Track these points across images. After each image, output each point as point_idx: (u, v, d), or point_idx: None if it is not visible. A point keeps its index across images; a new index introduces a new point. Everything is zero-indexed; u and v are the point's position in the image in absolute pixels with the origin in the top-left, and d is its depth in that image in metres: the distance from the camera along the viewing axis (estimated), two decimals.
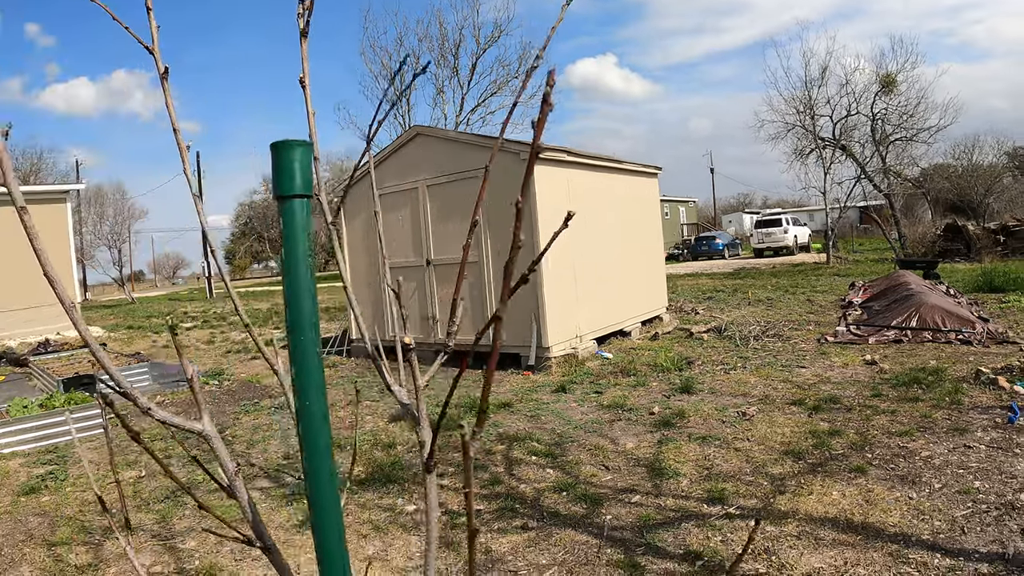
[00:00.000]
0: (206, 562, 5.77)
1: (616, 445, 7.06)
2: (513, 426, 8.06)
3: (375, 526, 6.00)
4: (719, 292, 19.42)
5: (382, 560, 5.39)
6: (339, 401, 10.43)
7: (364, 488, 6.83)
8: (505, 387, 10.06)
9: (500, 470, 6.79)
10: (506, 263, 0.79)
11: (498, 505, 5.95)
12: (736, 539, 4.71)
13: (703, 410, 7.80)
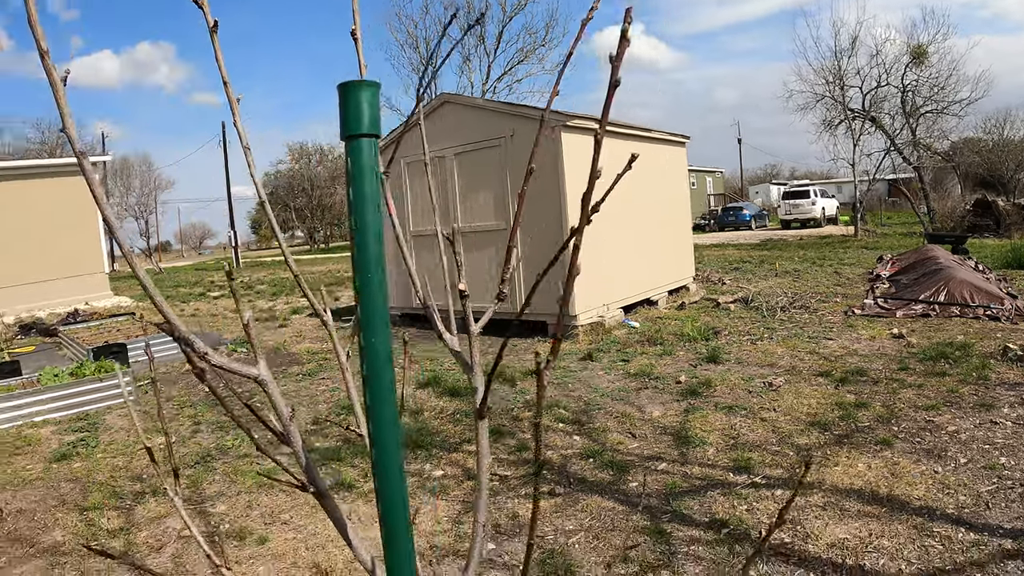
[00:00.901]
0: (236, 526, 5.90)
1: (642, 413, 7.11)
2: None
3: (412, 491, 6.10)
4: (746, 263, 19.37)
5: (414, 525, 5.46)
6: None
7: None
8: (532, 355, 10.11)
9: (527, 436, 6.87)
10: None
11: (525, 471, 6.03)
12: (762, 508, 4.76)
13: (729, 380, 7.82)
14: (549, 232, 10.64)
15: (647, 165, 12.89)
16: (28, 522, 6.69)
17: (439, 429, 7.44)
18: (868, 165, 33.86)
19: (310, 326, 15.37)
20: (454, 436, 7.18)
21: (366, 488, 6.19)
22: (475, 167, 11.74)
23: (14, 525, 6.60)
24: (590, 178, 0.97)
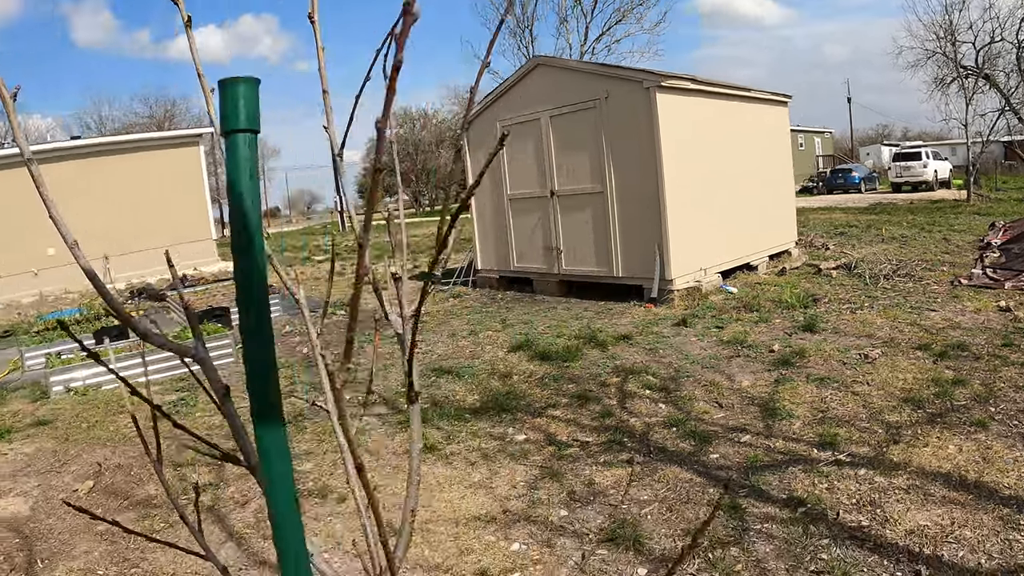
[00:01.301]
0: (320, 484, 6.06)
1: (732, 382, 7.01)
2: (630, 359, 8.08)
3: (484, 454, 6.15)
4: (852, 228, 18.81)
5: (486, 488, 5.53)
6: (461, 331, 10.63)
7: (477, 417, 6.99)
8: (626, 319, 10.06)
9: (613, 403, 6.84)
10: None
11: (606, 438, 6.01)
12: (843, 488, 4.64)
13: (824, 350, 7.63)
14: (645, 193, 10.51)
15: (747, 125, 12.58)
16: (125, 476, 7.01)
17: (526, 393, 7.47)
18: (982, 126, 32.14)
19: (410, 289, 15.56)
20: (540, 400, 7.20)
21: (448, 451, 6.28)
22: (570, 130, 11.65)
23: (112, 479, 6.93)
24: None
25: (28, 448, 8.46)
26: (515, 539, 4.74)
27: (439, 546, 4.85)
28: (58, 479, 7.36)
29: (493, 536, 4.84)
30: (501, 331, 10.23)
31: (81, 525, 6.22)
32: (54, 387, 10.14)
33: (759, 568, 3.84)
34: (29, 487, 7.24)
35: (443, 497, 5.51)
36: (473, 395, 7.67)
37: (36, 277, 21.81)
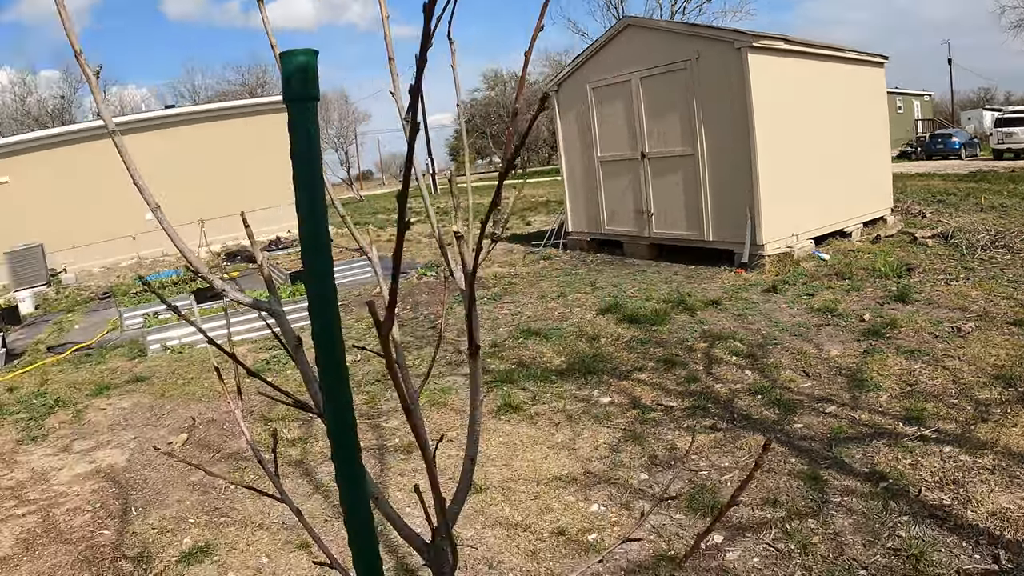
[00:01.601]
0: (405, 441, 6.27)
1: (820, 351, 6.98)
2: (718, 324, 8.09)
3: (568, 415, 6.27)
4: (950, 195, 18.20)
5: (568, 449, 5.65)
6: (551, 293, 10.74)
7: (563, 378, 7.11)
8: (715, 284, 10.04)
9: (699, 368, 6.89)
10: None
11: (690, 403, 6.08)
12: (926, 464, 4.62)
13: (916, 322, 7.51)
14: (737, 156, 10.41)
15: (842, 86, 12.26)
16: (218, 431, 7.35)
17: (612, 356, 7.56)
18: None
19: (499, 250, 15.71)
20: (626, 363, 7.29)
21: (532, 411, 6.42)
22: (660, 91, 11.55)
23: (205, 433, 7.28)
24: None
25: (126, 403, 8.90)
26: (594, 500, 4.87)
27: (519, 504, 4.99)
28: (153, 432, 7.75)
29: (573, 497, 4.97)
30: (590, 294, 10.32)
31: (174, 476, 6.56)
32: (151, 345, 10.61)
33: (836, 541, 3.90)
34: (126, 439, 7.64)
35: (526, 456, 5.65)
36: (560, 357, 7.78)
37: (134, 241, 22.73)
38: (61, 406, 9.26)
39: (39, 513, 6.36)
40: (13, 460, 7.68)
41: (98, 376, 10.47)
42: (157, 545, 5.44)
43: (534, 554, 4.39)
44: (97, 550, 5.54)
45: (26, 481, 7.09)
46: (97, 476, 6.88)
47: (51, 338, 14.87)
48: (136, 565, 5.21)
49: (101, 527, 5.91)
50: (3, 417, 9.26)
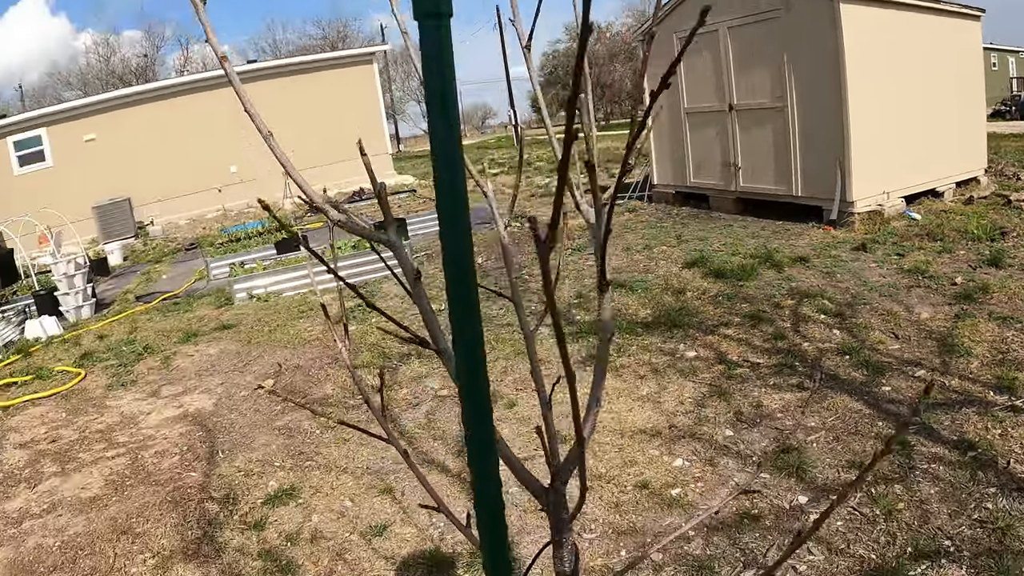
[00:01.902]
0: (506, 388, 6.33)
1: (910, 313, 6.84)
2: (806, 281, 7.98)
3: (654, 368, 6.29)
4: None
5: (653, 402, 5.67)
6: (636, 245, 10.71)
7: (649, 331, 7.11)
8: (803, 240, 9.87)
9: (786, 325, 6.82)
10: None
11: (777, 361, 6.04)
12: (1017, 436, 4.53)
13: (1010, 287, 7.27)
14: (827, 110, 10.14)
15: (936, 41, 11.75)
16: (304, 376, 7.53)
17: (698, 310, 7.54)
18: None
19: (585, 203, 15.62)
20: (712, 318, 7.26)
21: (618, 363, 6.45)
22: (749, 41, 11.25)
23: (291, 379, 7.46)
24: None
25: (213, 350, 9.16)
26: (679, 455, 4.90)
27: (603, 456, 5.04)
28: (240, 378, 7.97)
29: (657, 450, 5.00)
30: (676, 247, 10.24)
31: (260, 421, 6.75)
32: (237, 294, 10.90)
33: (921, 509, 3.86)
34: (213, 385, 7.88)
35: (611, 408, 5.69)
36: (646, 309, 7.78)
37: (220, 193, 23.25)
38: (149, 353, 9.58)
39: (128, 456, 6.62)
40: (103, 405, 7.98)
41: (185, 324, 10.79)
42: (243, 487, 5.62)
43: (617, 506, 4.45)
44: (184, 491, 5.75)
45: (116, 425, 7.37)
46: (184, 420, 7.12)
47: (139, 288, 15.36)
48: (222, 506, 5.40)
49: (188, 469, 6.12)
50: (94, 364, 9.62)
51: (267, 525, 5.03)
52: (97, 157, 23.51)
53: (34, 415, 8.14)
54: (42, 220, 18.86)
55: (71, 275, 13.01)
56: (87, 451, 6.90)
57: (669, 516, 4.25)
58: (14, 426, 7.90)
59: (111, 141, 23.37)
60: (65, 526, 5.58)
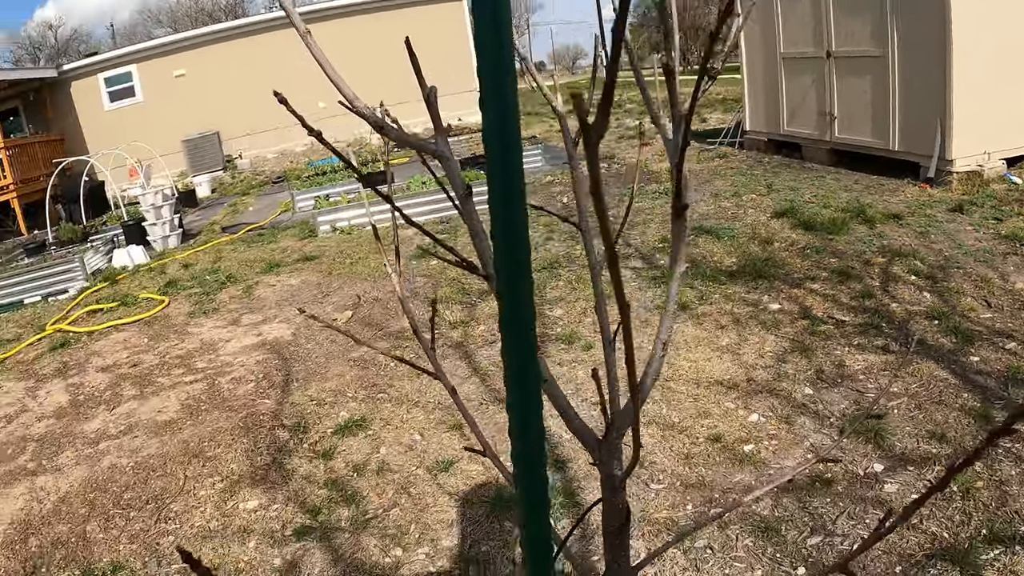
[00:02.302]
0: (568, 330, 6.29)
1: (1005, 281, 6.49)
2: (898, 240, 7.66)
3: (735, 319, 6.16)
4: None
5: (733, 353, 5.55)
6: (724, 191, 10.47)
7: (733, 280, 6.96)
8: (898, 197, 9.48)
9: (874, 284, 6.58)
10: None
11: (863, 320, 5.83)
12: None
13: None
14: (930, 62, 9.66)
15: None
16: (382, 310, 7.55)
17: (785, 262, 7.34)
18: None
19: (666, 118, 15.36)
20: (799, 271, 7.05)
21: (699, 311, 6.34)
22: None
23: (369, 311, 7.49)
24: None
25: (294, 280, 9.26)
26: (755, 410, 4.78)
27: (678, 405, 4.96)
28: (319, 308, 8.05)
29: (733, 403, 4.90)
30: (765, 196, 9.96)
31: (336, 351, 6.81)
32: (321, 226, 11.00)
33: (1000, 490, 3.68)
34: (292, 315, 7.95)
35: (689, 357, 5.60)
36: (731, 257, 7.61)
37: None
38: (232, 282, 9.75)
39: (205, 381, 6.75)
40: (184, 331, 8.15)
41: (269, 255, 10.96)
42: (314, 416, 5.70)
43: (687, 458, 4.36)
44: (256, 418, 5.85)
45: (195, 351, 7.52)
46: (262, 348, 7.23)
47: (226, 219, 15.66)
48: (293, 434, 5.47)
49: (262, 396, 6.22)
50: (177, 292, 9.83)
51: (335, 455, 5.12)
52: (186, 92, 24.03)
53: (117, 340, 8.36)
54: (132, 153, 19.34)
55: (159, 206, 13.31)
56: (166, 376, 7.07)
57: (740, 473, 4.14)
58: (97, 350, 8.13)
59: (200, 76, 23.84)
60: (139, 447, 5.73)
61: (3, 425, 6.75)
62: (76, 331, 9.04)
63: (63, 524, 4.94)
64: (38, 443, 6.22)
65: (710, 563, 3.48)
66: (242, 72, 23.31)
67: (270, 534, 4.42)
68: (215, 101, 23.37)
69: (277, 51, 23.07)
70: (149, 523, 4.76)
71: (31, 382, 7.71)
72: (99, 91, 24.67)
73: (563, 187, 12.53)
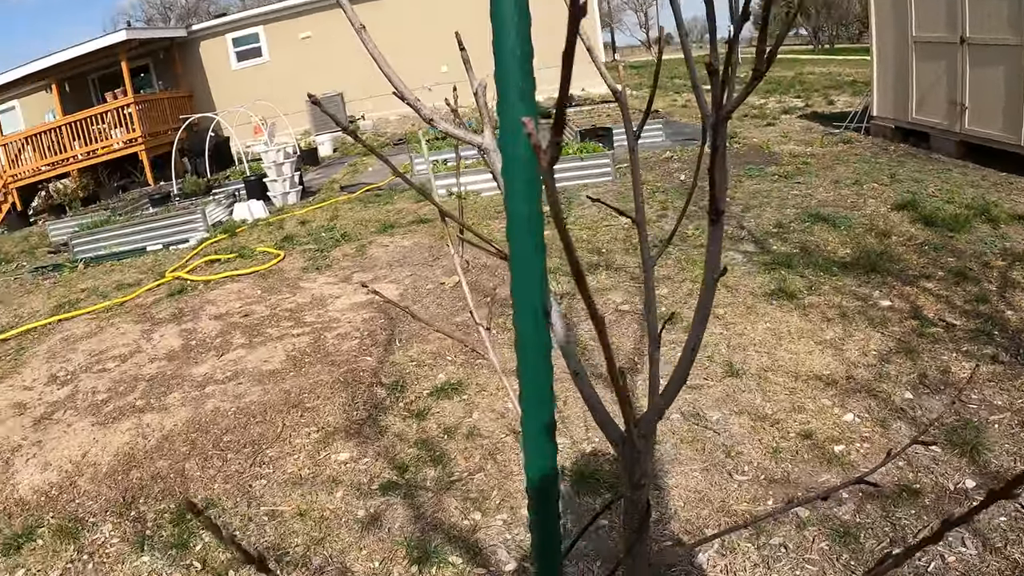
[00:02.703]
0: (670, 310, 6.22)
1: None
2: (1022, 244, 7.29)
3: (842, 312, 6.02)
4: None
5: (835, 348, 5.43)
6: (845, 178, 10.18)
7: (845, 272, 6.79)
8: None
9: (992, 288, 6.30)
10: None
11: (975, 326, 5.60)
12: None
13: None
14: None
15: None
16: (490, 275, 7.63)
17: (900, 257, 7.10)
18: None
19: (797, 128, 15.00)
20: (914, 268, 6.83)
21: (806, 301, 6.22)
22: None
23: (477, 277, 7.58)
24: None
25: (407, 242, 9.43)
26: (850, 409, 4.67)
27: (772, 397, 4.89)
28: (428, 271, 8.18)
29: (829, 400, 4.80)
30: (887, 186, 9.63)
31: (441, 315, 6.94)
32: (438, 190, 11.10)
33: None
34: (402, 276, 8.13)
35: (790, 348, 5.51)
36: (845, 248, 7.42)
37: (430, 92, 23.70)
38: (346, 240, 9.99)
39: (311, 335, 6.96)
40: (296, 286, 8.39)
41: (384, 215, 11.18)
42: (413, 377, 5.85)
43: (775, 452, 4.30)
44: (357, 374, 6.02)
45: (305, 305, 7.74)
46: (369, 307, 7.41)
47: (345, 178, 16.00)
48: (390, 392, 5.63)
49: (364, 354, 6.39)
50: (293, 247, 10.12)
51: (429, 415, 5.27)
52: (311, 54, 24.65)
53: (232, 290, 8.68)
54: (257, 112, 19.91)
55: (280, 163, 13.69)
56: (275, 327, 7.32)
57: (826, 473, 4.05)
58: (212, 299, 8.46)
59: (325, 39, 24.39)
60: (243, 394, 5.98)
61: (117, 364, 7.12)
62: (193, 279, 9.44)
63: (164, 460, 5.22)
64: (148, 383, 6.56)
65: (782, 562, 3.43)
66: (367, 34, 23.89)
67: (357, 486, 4.58)
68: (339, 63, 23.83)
69: (401, 15, 23.41)
70: (244, 466, 5.00)
71: (147, 325, 8.09)
72: (227, 51, 25.58)
73: (682, 164, 12.37)
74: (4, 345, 8.46)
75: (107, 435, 5.72)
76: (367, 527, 4.16)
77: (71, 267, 12.04)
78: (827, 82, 23.58)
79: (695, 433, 4.60)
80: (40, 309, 9.75)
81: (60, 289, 10.77)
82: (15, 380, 7.22)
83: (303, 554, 3.99)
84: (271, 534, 4.24)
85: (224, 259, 10.28)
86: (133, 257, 11.97)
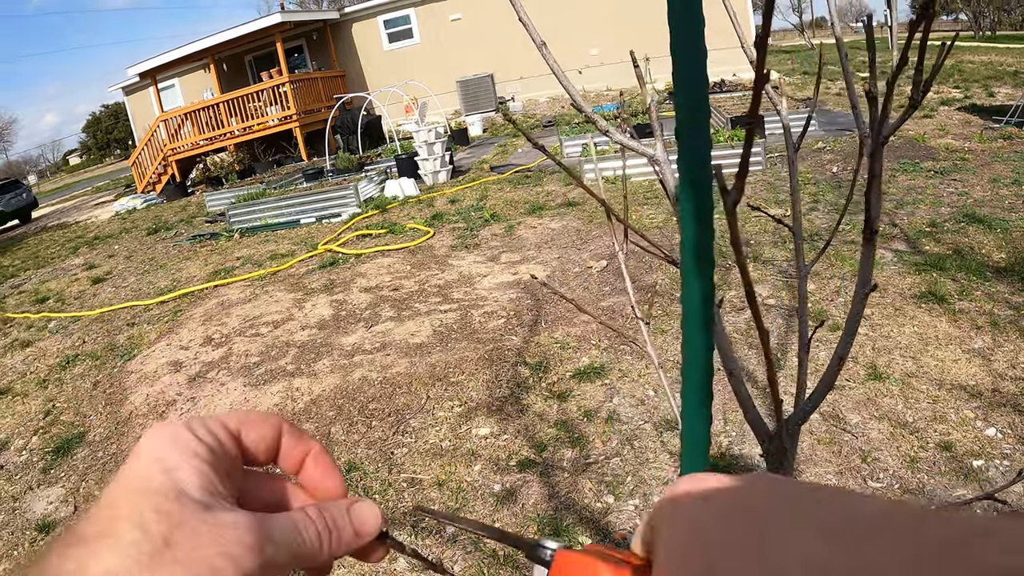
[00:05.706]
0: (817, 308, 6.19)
1: None
2: None
3: (993, 321, 5.80)
4: None
5: (983, 358, 5.28)
6: (1005, 177, 9.66)
7: (999, 277, 6.53)
8: None
9: None
10: None
11: None
12: None
13: None
14: None
15: None
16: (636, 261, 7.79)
17: None
18: None
19: (956, 120, 14.39)
20: None
21: (956, 306, 5.99)
22: None
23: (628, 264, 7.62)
24: None
25: (555, 224, 9.57)
26: (994, 423, 4.55)
27: (915, 404, 4.80)
28: (576, 254, 8.30)
29: (972, 412, 4.67)
30: None
31: (587, 298, 7.05)
32: (587, 174, 11.22)
33: None
34: (550, 258, 8.27)
35: (936, 354, 5.37)
36: (1001, 252, 7.10)
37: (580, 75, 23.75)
38: (495, 220, 10.20)
39: (459, 312, 7.19)
40: (445, 263, 8.65)
41: (533, 197, 11.34)
42: (556, 359, 5.96)
43: (912, 461, 4.24)
44: (501, 353, 6.20)
45: (452, 283, 7.99)
46: (516, 287, 7.58)
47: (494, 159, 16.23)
48: (533, 372, 5.77)
49: (510, 333, 6.56)
50: (442, 224, 10.40)
51: (570, 397, 5.33)
52: (462, 35, 25.11)
53: (382, 264, 9.01)
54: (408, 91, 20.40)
55: (431, 143, 14.04)
56: (423, 302, 7.59)
57: (962, 487, 3.96)
58: (363, 272, 8.81)
59: (476, 21, 24.78)
60: (389, 365, 6.25)
61: (271, 330, 7.54)
62: (345, 252, 9.85)
63: (311, 422, 5.55)
64: (299, 349, 6.94)
65: None
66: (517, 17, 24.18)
67: (495, 461, 4.72)
68: (489, 44, 24.17)
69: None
70: (387, 433, 5.24)
71: (299, 294, 8.51)
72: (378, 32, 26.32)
73: (834, 155, 12.05)
74: (163, 307, 9.07)
75: (258, 395, 6.12)
76: (502, 501, 4.31)
77: (227, 236, 12.76)
78: (987, 72, 22.44)
79: (833, 435, 4.56)
80: (197, 275, 10.39)
81: (216, 256, 11.43)
82: (173, 340, 7.75)
83: (438, 523, 4.15)
84: (409, 500, 4.44)
85: (375, 234, 10.65)
86: (287, 228, 12.54)
